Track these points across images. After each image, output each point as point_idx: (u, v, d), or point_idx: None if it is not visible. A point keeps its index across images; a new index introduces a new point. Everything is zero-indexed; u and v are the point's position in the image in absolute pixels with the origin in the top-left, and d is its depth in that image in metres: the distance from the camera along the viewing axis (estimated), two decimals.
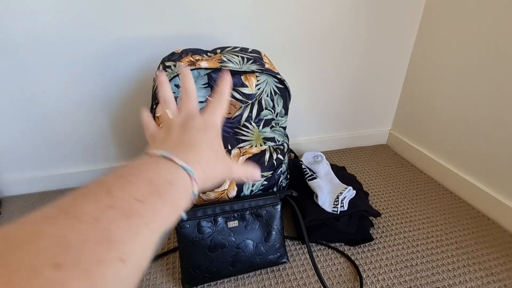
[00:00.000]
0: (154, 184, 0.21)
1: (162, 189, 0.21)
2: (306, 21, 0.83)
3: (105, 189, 0.19)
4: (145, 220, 0.19)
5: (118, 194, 0.19)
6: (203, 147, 0.28)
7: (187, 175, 0.24)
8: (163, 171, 0.22)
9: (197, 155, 0.26)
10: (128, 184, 0.20)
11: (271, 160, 0.62)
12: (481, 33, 0.74)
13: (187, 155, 0.26)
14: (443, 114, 0.89)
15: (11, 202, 0.82)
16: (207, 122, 0.31)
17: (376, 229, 0.72)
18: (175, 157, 0.24)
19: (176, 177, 0.23)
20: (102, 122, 0.82)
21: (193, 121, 0.30)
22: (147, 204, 0.19)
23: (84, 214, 0.17)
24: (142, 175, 0.21)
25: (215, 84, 0.56)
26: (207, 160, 0.27)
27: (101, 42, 0.72)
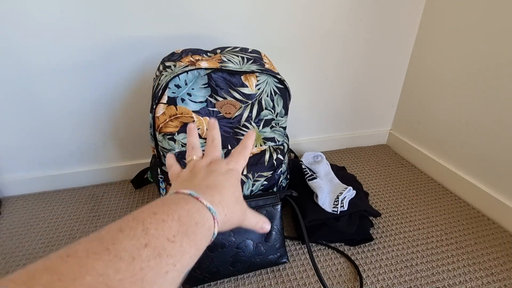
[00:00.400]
0: (183, 224, 0.22)
1: (190, 230, 0.22)
2: (306, 21, 0.83)
3: (141, 226, 0.20)
4: (173, 260, 0.20)
5: (152, 232, 0.20)
6: (226, 191, 0.29)
7: (211, 216, 0.25)
8: (191, 211, 0.24)
9: (221, 197, 0.28)
10: (161, 222, 0.21)
11: (271, 160, 0.62)
12: (481, 33, 0.74)
13: (212, 196, 0.27)
14: (443, 114, 0.89)
15: (11, 202, 0.82)
16: (230, 168, 0.33)
17: (376, 229, 0.72)
18: (202, 197, 0.25)
19: (202, 217, 0.24)
20: (102, 122, 0.82)
21: (218, 166, 0.32)
22: (176, 244, 0.20)
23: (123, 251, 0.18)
24: (174, 214, 0.22)
25: (215, 84, 0.56)
26: (228, 204, 0.28)
27: (101, 42, 0.72)
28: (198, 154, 0.35)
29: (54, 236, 0.70)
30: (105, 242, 0.18)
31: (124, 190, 0.87)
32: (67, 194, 0.86)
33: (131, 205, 0.81)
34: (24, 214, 0.78)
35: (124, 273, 0.17)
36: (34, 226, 0.74)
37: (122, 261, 0.17)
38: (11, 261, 0.64)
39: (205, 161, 0.33)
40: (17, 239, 0.70)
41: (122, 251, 0.18)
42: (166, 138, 0.57)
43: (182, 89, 0.55)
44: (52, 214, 0.78)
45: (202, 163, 0.33)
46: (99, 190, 0.87)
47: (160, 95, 0.54)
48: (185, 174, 0.32)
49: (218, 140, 0.36)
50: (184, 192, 0.26)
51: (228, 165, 0.33)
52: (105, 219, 0.76)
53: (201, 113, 0.57)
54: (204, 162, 0.33)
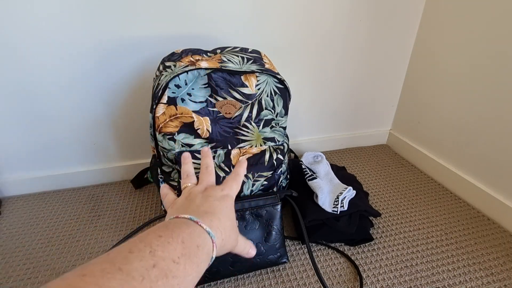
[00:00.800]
0: (186, 247, 0.23)
1: (192, 252, 0.23)
2: (306, 21, 0.83)
3: (149, 248, 0.21)
4: (177, 282, 0.21)
5: (159, 254, 0.21)
6: (223, 216, 0.30)
7: (210, 240, 0.26)
8: (193, 234, 0.25)
9: (218, 222, 0.29)
10: (167, 244, 0.22)
11: (271, 160, 0.62)
12: (481, 33, 0.74)
13: (211, 221, 0.28)
14: (443, 114, 0.89)
15: (11, 202, 0.82)
16: (225, 194, 0.34)
17: (376, 229, 0.72)
18: (201, 222, 0.27)
19: (202, 241, 0.25)
20: (102, 122, 0.82)
21: (214, 191, 0.33)
22: (180, 266, 0.22)
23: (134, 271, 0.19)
24: (178, 237, 0.23)
25: (215, 84, 0.56)
26: (225, 229, 0.30)
27: (101, 42, 0.72)
28: (193, 181, 0.36)
29: (54, 236, 0.70)
30: (117, 263, 0.19)
31: (124, 190, 0.87)
32: (67, 194, 0.86)
33: (131, 205, 0.81)
34: (24, 214, 0.78)
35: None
36: (34, 226, 0.74)
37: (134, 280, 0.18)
38: (11, 261, 0.64)
39: (200, 187, 0.34)
40: (17, 239, 0.70)
41: (133, 271, 0.19)
42: (166, 138, 0.57)
43: (182, 89, 0.55)
44: (52, 214, 0.78)
45: (198, 189, 0.34)
46: (99, 190, 0.87)
47: (160, 95, 0.54)
48: (181, 201, 0.33)
49: (212, 167, 0.38)
50: (184, 216, 0.27)
51: (222, 191, 0.34)
52: (105, 219, 0.76)
53: (201, 113, 0.57)
54: (200, 188, 0.34)
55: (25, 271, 0.61)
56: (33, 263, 0.63)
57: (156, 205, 0.81)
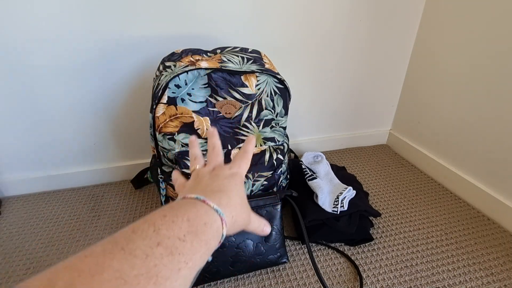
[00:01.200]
0: (192, 225, 0.23)
1: (199, 230, 0.23)
2: (306, 21, 0.83)
3: (153, 227, 0.21)
4: (184, 258, 0.21)
5: (163, 232, 0.21)
6: (233, 193, 0.30)
7: (219, 217, 0.26)
8: (199, 213, 0.25)
9: (228, 200, 0.28)
10: (171, 223, 0.22)
11: (271, 160, 0.62)
12: (481, 33, 0.74)
13: (220, 199, 0.28)
14: (443, 114, 0.89)
15: (11, 202, 0.82)
16: (234, 172, 0.33)
17: (376, 229, 0.72)
18: (208, 200, 0.26)
19: (210, 218, 0.25)
20: (102, 122, 0.82)
21: (222, 170, 0.33)
22: (187, 243, 0.22)
23: (137, 249, 0.19)
24: (183, 216, 0.23)
25: (215, 84, 0.56)
26: (235, 206, 0.29)
27: (101, 42, 0.72)
28: (201, 163, 0.36)
29: (54, 236, 0.70)
30: (119, 243, 0.19)
31: (124, 190, 0.87)
32: (67, 194, 0.86)
33: (131, 205, 0.81)
34: (24, 214, 0.78)
35: (140, 269, 0.18)
36: (34, 226, 0.74)
37: (136, 258, 0.18)
38: (11, 261, 0.64)
39: (208, 168, 0.34)
40: (17, 239, 0.70)
41: (136, 249, 0.19)
42: (166, 138, 0.57)
43: (182, 89, 0.55)
44: (52, 214, 0.78)
45: (206, 170, 0.34)
46: (99, 190, 0.87)
47: (160, 95, 0.54)
48: (190, 183, 0.33)
49: (219, 147, 0.37)
50: (191, 196, 0.27)
51: (231, 170, 0.33)
52: (105, 219, 0.76)
53: (201, 113, 0.57)
54: (208, 169, 0.34)
55: (25, 271, 0.61)
56: (33, 263, 0.63)
57: (156, 205, 0.81)
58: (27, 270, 0.62)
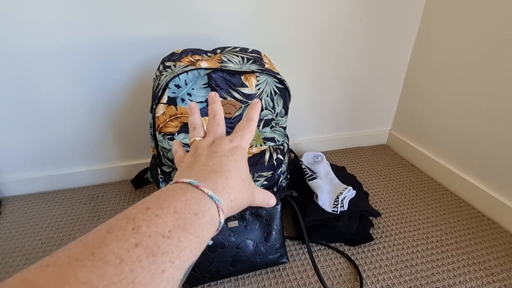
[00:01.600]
0: (180, 217, 0.20)
1: (188, 222, 0.20)
2: (306, 21, 0.83)
3: (131, 224, 0.18)
4: (169, 257, 0.18)
5: (144, 230, 0.18)
6: (232, 174, 0.27)
7: (214, 204, 0.23)
8: (189, 202, 0.22)
9: (225, 182, 0.26)
10: (154, 217, 0.19)
11: (271, 160, 0.62)
12: (482, 33, 0.74)
13: (216, 182, 0.25)
14: (443, 114, 0.89)
15: (11, 202, 0.82)
16: (234, 145, 0.30)
17: (376, 229, 0.72)
18: (202, 186, 0.24)
19: (202, 207, 0.22)
20: (102, 122, 0.82)
21: (221, 145, 0.29)
22: (172, 240, 0.19)
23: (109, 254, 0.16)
24: (169, 207, 0.20)
25: (215, 84, 0.56)
26: (234, 187, 0.26)
27: (101, 42, 0.72)
28: (200, 134, 0.33)
29: (54, 236, 0.70)
30: (90, 246, 0.17)
31: (124, 190, 0.87)
32: (67, 194, 0.86)
33: (131, 205, 0.81)
34: (24, 214, 0.78)
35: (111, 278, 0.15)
36: (34, 226, 0.74)
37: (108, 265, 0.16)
38: (11, 261, 0.64)
39: (207, 140, 0.31)
40: (17, 239, 0.70)
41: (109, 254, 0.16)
42: (166, 138, 0.57)
43: (182, 89, 0.55)
44: (52, 214, 0.78)
45: (205, 143, 0.30)
46: (99, 190, 0.87)
47: (160, 95, 0.54)
48: (188, 158, 0.30)
49: (220, 115, 0.33)
50: (183, 181, 0.24)
51: (232, 143, 0.30)
52: (105, 219, 0.76)
53: (201, 113, 0.57)
54: (206, 142, 0.30)
55: None
56: (33, 263, 0.63)
57: None
58: None
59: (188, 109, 0.35)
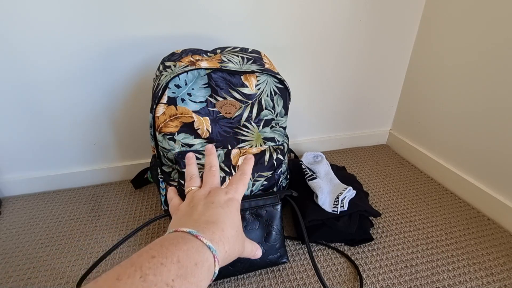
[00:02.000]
0: (182, 266, 0.22)
1: (189, 272, 0.22)
2: (306, 21, 0.83)
3: (139, 273, 0.20)
4: None
5: (151, 278, 0.20)
6: (227, 225, 0.28)
7: (211, 255, 0.25)
8: (190, 252, 0.23)
9: (221, 233, 0.27)
10: (160, 266, 0.21)
11: (271, 160, 0.62)
12: (482, 33, 0.74)
13: (213, 233, 0.26)
14: (444, 114, 0.89)
15: (11, 202, 0.82)
16: (229, 197, 0.32)
17: (376, 229, 0.72)
18: (202, 236, 0.25)
19: (201, 257, 0.23)
20: (102, 122, 0.82)
21: (217, 196, 0.31)
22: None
23: None
24: (172, 256, 0.22)
25: (215, 84, 0.56)
26: (229, 239, 0.28)
27: (101, 42, 0.72)
28: (197, 184, 0.35)
29: (54, 236, 0.70)
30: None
31: (124, 190, 0.87)
32: (67, 194, 0.86)
33: (131, 205, 0.81)
34: (24, 214, 0.78)
35: None
36: (34, 226, 0.74)
37: None
38: (11, 261, 0.64)
39: (204, 191, 0.33)
40: (17, 239, 0.70)
41: None
42: (166, 138, 0.57)
43: (182, 89, 0.55)
44: (52, 214, 0.78)
45: (201, 194, 0.32)
46: (99, 190, 0.87)
47: (160, 95, 0.54)
48: (184, 207, 0.32)
49: (216, 167, 0.36)
50: (183, 230, 0.25)
51: (227, 195, 0.32)
52: (105, 219, 0.76)
53: (201, 113, 0.57)
54: (203, 192, 0.32)
55: (25, 271, 0.61)
56: (33, 263, 0.63)
57: (156, 205, 0.81)
58: (27, 270, 0.62)
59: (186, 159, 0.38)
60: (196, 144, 0.58)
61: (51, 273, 0.61)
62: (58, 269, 0.62)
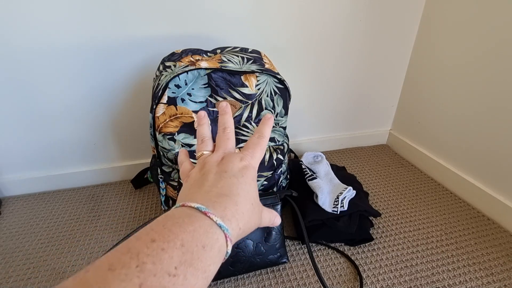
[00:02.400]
0: (187, 251, 0.19)
1: (195, 257, 0.19)
2: (306, 21, 0.83)
3: (135, 261, 0.17)
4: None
5: (149, 267, 0.17)
6: (241, 198, 0.25)
7: (223, 234, 0.22)
8: (197, 233, 0.20)
9: (235, 208, 0.24)
10: (160, 252, 0.18)
11: (271, 160, 0.62)
12: (482, 33, 0.74)
13: (225, 208, 0.23)
14: (443, 114, 0.89)
15: (11, 202, 0.82)
16: (245, 165, 0.28)
17: (376, 229, 0.72)
18: (211, 213, 0.22)
19: (210, 238, 0.21)
20: (102, 122, 0.82)
21: (231, 163, 0.27)
22: (178, 278, 0.18)
23: None
24: (175, 240, 0.19)
25: (215, 84, 0.56)
26: (243, 213, 0.24)
27: (100, 41, 0.72)
28: (209, 148, 0.31)
29: (54, 236, 0.70)
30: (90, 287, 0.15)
31: (124, 190, 0.87)
32: (67, 194, 0.86)
33: (131, 205, 0.81)
34: (24, 214, 0.78)
35: None
36: (34, 226, 0.74)
37: None
38: (11, 261, 0.64)
39: (216, 156, 0.29)
40: (17, 239, 0.70)
41: None
42: (166, 138, 0.57)
43: (182, 89, 0.55)
44: (52, 214, 0.78)
45: (213, 160, 0.28)
46: (99, 190, 0.87)
47: (160, 95, 0.54)
48: (195, 174, 0.28)
49: (231, 128, 0.31)
50: (191, 205, 0.22)
51: (242, 161, 0.28)
52: (105, 219, 0.76)
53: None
54: (215, 158, 0.28)
55: (25, 271, 0.61)
56: (33, 263, 0.63)
57: (156, 205, 0.81)
58: (27, 270, 0.62)
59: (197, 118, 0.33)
60: (196, 144, 0.58)
61: (51, 273, 0.61)
62: (58, 269, 0.62)
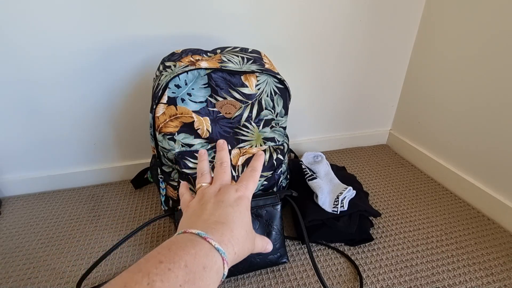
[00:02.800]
0: (190, 271, 0.21)
1: (197, 276, 0.22)
2: (306, 21, 0.83)
3: (146, 279, 0.20)
4: None
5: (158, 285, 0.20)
6: (236, 225, 0.28)
7: (220, 257, 0.25)
8: (199, 255, 0.23)
9: (231, 234, 0.27)
10: (167, 272, 0.21)
11: (271, 160, 0.62)
12: (482, 33, 0.74)
13: (222, 234, 0.26)
14: (443, 114, 0.89)
15: (11, 202, 0.82)
16: (240, 195, 0.32)
17: (376, 229, 0.72)
18: (210, 238, 0.25)
19: (210, 260, 0.23)
20: (102, 122, 0.82)
21: (227, 194, 0.31)
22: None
23: None
24: (180, 261, 0.22)
25: (215, 84, 0.56)
26: (238, 240, 0.28)
27: (101, 42, 0.72)
28: (207, 181, 0.35)
29: (54, 236, 0.70)
30: None
31: (124, 190, 0.87)
32: (67, 194, 0.86)
33: (131, 205, 0.81)
34: (24, 214, 0.78)
35: None
36: (34, 226, 0.74)
37: None
38: (11, 261, 0.64)
39: (214, 188, 0.33)
40: (17, 239, 0.70)
41: None
42: (166, 138, 0.57)
43: (182, 89, 0.55)
44: (52, 214, 0.78)
45: (211, 191, 0.32)
46: (99, 190, 0.87)
47: (160, 95, 0.54)
48: (194, 205, 0.32)
49: (227, 163, 0.36)
50: (192, 232, 0.25)
51: (237, 193, 0.32)
52: (105, 219, 0.76)
53: (201, 113, 0.57)
54: (213, 190, 0.32)
55: (25, 271, 0.61)
56: (33, 263, 0.63)
57: (156, 205, 0.81)
58: (27, 270, 0.62)
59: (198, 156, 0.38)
60: (196, 144, 0.58)
61: (51, 273, 0.61)
62: (58, 269, 0.62)
